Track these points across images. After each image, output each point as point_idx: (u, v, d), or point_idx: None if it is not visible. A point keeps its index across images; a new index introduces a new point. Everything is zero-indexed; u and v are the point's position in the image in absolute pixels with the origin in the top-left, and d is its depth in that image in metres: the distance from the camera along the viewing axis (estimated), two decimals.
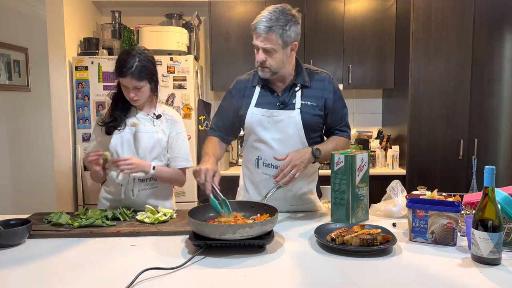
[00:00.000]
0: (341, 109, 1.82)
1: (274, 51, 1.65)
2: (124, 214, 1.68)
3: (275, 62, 1.67)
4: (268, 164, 1.77)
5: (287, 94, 1.76)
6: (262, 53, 1.66)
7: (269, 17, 1.61)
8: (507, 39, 3.09)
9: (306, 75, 1.77)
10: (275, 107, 1.75)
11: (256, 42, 1.67)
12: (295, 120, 1.72)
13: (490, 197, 1.20)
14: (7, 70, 3.56)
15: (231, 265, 1.23)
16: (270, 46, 1.63)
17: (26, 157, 3.82)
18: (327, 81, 1.78)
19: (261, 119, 1.76)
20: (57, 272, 1.21)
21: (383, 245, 1.31)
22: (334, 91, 1.78)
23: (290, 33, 1.64)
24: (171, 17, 3.43)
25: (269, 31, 1.61)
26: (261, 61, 1.67)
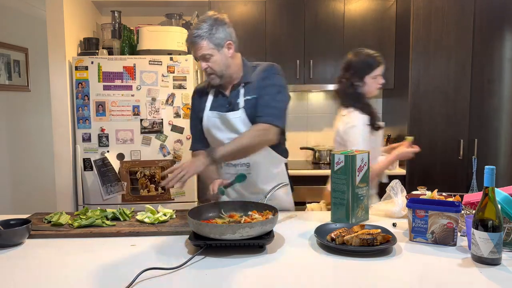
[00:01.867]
0: (265, 95, 1.74)
1: (210, 56, 1.71)
2: (124, 214, 1.68)
3: (216, 65, 1.73)
4: (228, 163, 1.82)
5: (234, 94, 1.80)
6: (203, 62, 1.74)
7: (195, 29, 1.71)
8: (507, 39, 3.09)
9: (251, 72, 1.81)
10: (225, 109, 1.80)
11: (194, 56, 1.77)
12: (241, 119, 1.76)
13: (490, 197, 1.20)
14: (7, 70, 3.56)
15: (231, 265, 1.23)
16: (204, 52, 1.71)
17: (26, 157, 3.82)
18: (263, 70, 1.80)
19: (215, 122, 1.82)
20: (57, 272, 1.21)
21: (383, 245, 1.31)
22: (265, 77, 1.77)
23: (218, 35, 1.71)
24: (171, 17, 3.43)
25: (198, 40, 1.69)
26: (204, 69, 1.75)
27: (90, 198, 3.00)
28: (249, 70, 1.82)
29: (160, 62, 2.96)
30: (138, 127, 2.98)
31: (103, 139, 2.98)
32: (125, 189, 2.99)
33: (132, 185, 3.00)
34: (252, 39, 3.36)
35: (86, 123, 2.98)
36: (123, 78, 2.94)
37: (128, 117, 2.97)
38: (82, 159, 2.98)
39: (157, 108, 2.97)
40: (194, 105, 1.94)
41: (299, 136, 3.80)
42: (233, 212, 1.57)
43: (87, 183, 2.99)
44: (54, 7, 2.95)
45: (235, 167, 1.82)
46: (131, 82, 2.95)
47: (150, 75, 2.96)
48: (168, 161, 3.00)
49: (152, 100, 2.97)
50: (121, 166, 2.98)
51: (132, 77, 2.95)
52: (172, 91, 2.97)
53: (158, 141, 3.00)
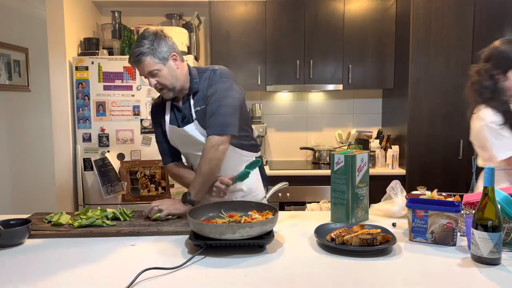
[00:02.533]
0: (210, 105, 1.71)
1: (158, 71, 1.68)
2: (124, 214, 1.68)
3: (165, 79, 1.71)
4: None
5: (186, 106, 1.79)
6: (151, 79, 1.70)
7: (135, 48, 1.66)
8: None
9: (197, 80, 1.78)
10: (181, 123, 1.79)
11: (141, 74, 1.73)
12: (198, 131, 1.75)
13: (490, 197, 1.20)
14: (7, 70, 3.56)
15: (231, 265, 1.23)
16: (151, 68, 1.67)
17: (26, 157, 3.82)
18: (208, 77, 1.77)
19: (176, 136, 1.82)
20: (57, 272, 1.21)
21: (383, 245, 1.31)
22: (209, 85, 1.75)
23: (161, 49, 1.68)
24: (171, 17, 3.43)
25: (141, 57, 1.66)
26: (154, 85, 1.72)
27: (90, 198, 3.00)
28: (193, 79, 1.78)
29: None
30: (138, 127, 2.99)
31: (103, 139, 2.98)
32: (125, 189, 3.00)
33: (132, 185, 3.00)
34: (252, 39, 3.36)
35: (86, 123, 2.98)
36: (123, 78, 2.94)
37: (128, 117, 2.97)
38: (82, 159, 2.99)
39: None
40: (155, 121, 1.91)
41: (299, 136, 3.80)
42: (233, 212, 1.57)
43: (87, 183, 3.00)
44: (54, 7, 2.95)
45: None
46: (131, 82, 2.95)
47: None
48: None
49: (152, 100, 2.97)
50: (121, 166, 2.99)
51: (132, 77, 2.95)
52: None
53: None
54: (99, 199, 2.98)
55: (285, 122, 3.80)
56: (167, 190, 3.02)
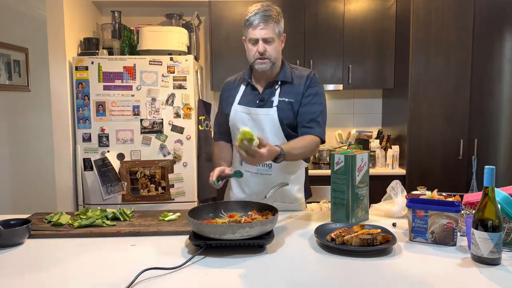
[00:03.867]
0: (312, 105, 1.76)
1: (272, 40, 1.71)
2: (124, 214, 1.68)
3: (274, 51, 1.72)
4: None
5: (268, 92, 1.79)
6: (262, 44, 1.70)
7: (263, 9, 1.69)
8: (507, 39, 3.09)
9: (289, 72, 1.80)
10: (255, 104, 1.78)
11: (255, 33, 1.70)
12: (272, 118, 1.74)
13: (490, 197, 1.20)
14: (7, 70, 3.56)
15: (231, 265, 1.23)
16: (270, 35, 1.69)
17: (26, 157, 3.82)
18: (306, 77, 1.79)
19: (242, 116, 1.79)
20: (57, 272, 1.21)
21: (383, 245, 1.31)
22: (309, 86, 1.78)
23: (282, 24, 1.74)
24: (171, 17, 3.43)
25: (267, 21, 1.68)
26: (262, 51, 1.70)
27: (90, 198, 3.00)
28: (287, 69, 1.80)
29: (160, 62, 2.96)
30: (138, 127, 2.99)
31: (103, 139, 2.98)
32: (125, 189, 3.00)
33: (132, 185, 3.00)
34: None
35: (86, 123, 2.98)
36: (123, 78, 2.94)
37: (128, 117, 2.97)
38: (82, 159, 2.98)
39: (157, 108, 2.97)
40: (222, 97, 1.92)
41: None
42: (233, 212, 1.57)
43: (87, 183, 2.99)
44: (54, 7, 2.95)
45: (257, 166, 1.77)
46: (131, 82, 2.95)
47: (150, 75, 2.96)
48: (168, 161, 3.00)
49: (152, 100, 2.97)
50: (121, 166, 2.99)
51: (132, 77, 2.95)
52: (172, 91, 2.97)
53: (158, 141, 3.00)
54: (99, 199, 2.98)
55: None
56: (167, 190, 3.02)
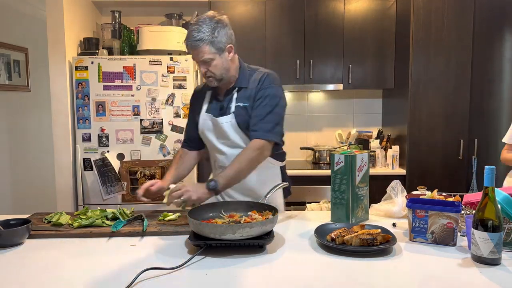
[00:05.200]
0: (261, 107, 1.72)
1: (211, 60, 1.67)
2: (124, 214, 1.68)
3: (216, 69, 1.70)
4: (221, 166, 1.82)
5: (227, 99, 1.79)
6: (202, 66, 1.70)
7: (195, 30, 1.64)
8: (507, 39, 3.09)
9: (247, 77, 1.79)
10: (217, 113, 1.80)
11: (193, 58, 1.71)
12: (231, 124, 1.76)
13: (490, 197, 1.20)
14: (7, 70, 3.56)
15: (231, 265, 1.23)
16: (206, 57, 1.66)
17: (26, 157, 3.82)
18: (259, 80, 1.78)
19: (208, 125, 1.81)
20: (57, 272, 1.21)
21: (383, 245, 1.31)
22: (260, 88, 1.76)
23: (220, 39, 1.66)
24: (171, 17, 3.43)
25: (199, 44, 1.64)
26: (203, 72, 1.71)
27: (90, 198, 3.00)
28: (245, 74, 1.80)
29: (160, 62, 2.96)
30: (138, 127, 2.98)
31: (103, 139, 2.98)
32: (125, 189, 3.00)
33: (132, 185, 3.00)
34: (252, 39, 3.36)
35: (86, 123, 2.98)
36: (123, 78, 2.94)
37: (128, 117, 2.97)
38: (82, 159, 2.98)
39: (157, 108, 2.97)
40: (192, 106, 1.94)
41: (299, 136, 3.80)
42: (233, 212, 1.57)
43: (87, 183, 2.99)
44: (54, 7, 2.95)
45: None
46: (131, 82, 2.95)
47: (150, 75, 2.96)
48: (168, 161, 3.00)
49: (152, 100, 2.97)
50: (121, 166, 2.99)
51: (132, 77, 2.94)
52: (172, 91, 2.97)
53: (158, 141, 3.00)
54: (99, 199, 2.98)
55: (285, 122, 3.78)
56: None
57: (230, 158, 1.74)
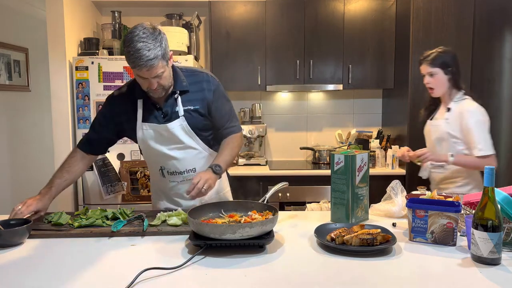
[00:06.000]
0: (223, 106, 1.83)
1: (162, 73, 1.61)
2: (124, 214, 1.68)
3: (165, 80, 1.66)
4: (173, 172, 1.82)
5: (168, 104, 1.75)
6: (153, 81, 1.61)
7: (146, 48, 1.52)
8: (507, 39, 3.09)
9: (184, 79, 1.77)
10: (161, 120, 1.75)
11: (142, 74, 1.59)
12: (183, 127, 1.75)
13: (490, 197, 1.20)
14: (7, 70, 3.56)
15: (231, 265, 1.23)
16: (159, 72, 1.59)
17: (26, 157, 3.82)
18: (205, 81, 1.78)
19: (153, 134, 1.77)
20: (57, 272, 1.21)
21: (383, 245, 1.31)
22: (214, 89, 1.79)
23: (167, 50, 1.61)
24: (171, 17, 3.43)
25: (154, 62, 1.55)
26: (153, 88, 1.63)
27: (90, 198, 3.00)
28: (180, 77, 1.76)
29: None
30: None
31: None
32: (125, 189, 3.00)
33: (132, 185, 3.00)
34: (252, 39, 3.36)
35: (86, 123, 2.98)
36: (123, 78, 2.94)
37: None
38: None
39: None
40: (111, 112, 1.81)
41: (299, 136, 3.80)
42: (233, 212, 1.57)
43: (87, 183, 2.99)
44: (54, 7, 2.95)
45: (182, 174, 1.82)
46: None
47: None
48: None
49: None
50: (121, 166, 2.99)
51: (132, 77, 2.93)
52: None
53: None
54: (99, 199, 2.98)
55: (285, 122, 3.80)
56: None
57: (182, 161, 1.79)
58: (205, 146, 1.83)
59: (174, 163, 1.80)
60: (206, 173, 1.66)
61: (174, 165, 1.80)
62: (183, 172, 1.81)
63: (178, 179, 1.83)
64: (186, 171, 1.81)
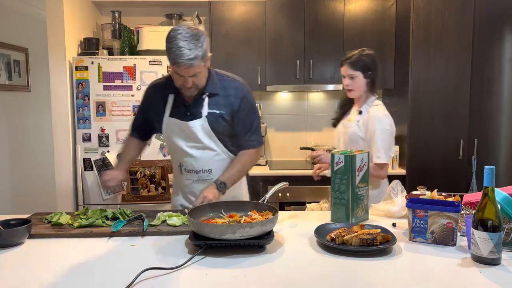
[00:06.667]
0: (247, 117, 1.81)
1: (200, 72, 1.66)
2: (124, 214, 1.68)
3: (200, 80, 1.71)
4: (190, 170, 1.85)
5: (196, 103, 1.78)
6: (188, 79, 1.66)
7: (187, 47, 1.58)
8: (507, 39, 3.09)
9: (217, 83, 1.79)
10: (185, 117, 1.79)
11: (180, 71, 1.64)
12: (203, 127, 1.77)
13: (490, 197, 1.20)
14: (7, 70, 3.56)
15: (231, 265, 1.23)
16: (196, 71, 1.64)
17: (26, 157, 3.82)
18: (235, 88, 1.79)
19: (175, 129, 1.81)
20: (57, 272, 1.21)
21: (383, 245, 1.31)
22: (242, 98, 1.79)
23: (206, 51, 1.65)
24: (171, 17, 3.43)
25: (194, 62, 1.60)
26: (190, 86, 1.68)
27: (90, 198, 3.00)
28: (213, 80, 1.79)
29: (160, 62, 2.96)
30: None
31: (103, 139, 2.98)
32: (125, 189, 3.00)
33: (132, 185, 3.00)
34: (252, 39, 3.36)
35: (86, 123, 2.98)
36: (123, 78, 2.94)
37: (128, 117, 2.97)
38: (82, 159, 2.98)
39: None
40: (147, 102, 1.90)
41: (299, 136, 3.80)
42: (233, 212, 1.57)
43: (87, 183, 2.99)
44: (54, 7, 2.95)
45: (198, 174, 1.84)
46: (131, 82, 2.95)
47: (150, 75, 2.96)
48: (168, 161, 3.00)
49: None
50: None
51: (132, 77, 2.95)
52: None
53: (158, 141, 3.00)
54: (99, 199, 2.98)
55: (285, 122, 3.79)
56: (167, 190, 3.02)
57: (198, 160, 1.81)
58: (224, 149, 1.84)
59: (191, 161, 1.83)
60: (210, 191, 1.69)
61: (191, 163, 1.83)
62: (199, 171, 1.84)
63: (194, 178, 1.86)
64: (202, 171, 1.84)
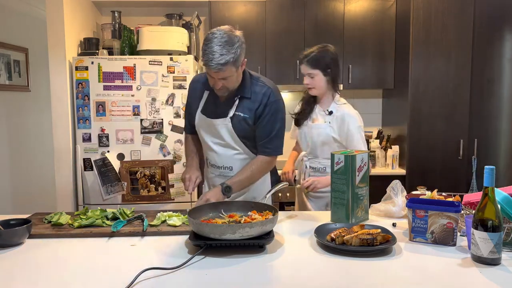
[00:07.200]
0: (268, 124, 1.79)
1: (230, 77, 1.68)
2: (124, 214, 1.68)
3: (231, 84, 1.72)
4: (213, 164, 1.93)
5: (227, 104, 1.81)
6: (218, 81, 1.69)
7: (220, 51, 1.60)
8: (507, 39, 3.09)
9: (249, 87, 1.80)
10: (213, 115, 1.82)
11: (211, 74, 1.68)
12: (227, 127, 1.80)
13: (490, 197, 1.20)
14: (7, 70, 3.56)
15: (231, 265, 1.23)
16: (227, 75, 1.66)
17: (26, 157, 3.82)
18: (264, 95, 1.79)
19: (203, 125, 1.86)
20: (57, 272, 1.21)
21: (383, 245, 1.31)
22: (267, 104, 1.78)
23: (240, 57, 1.67)
24: (171, 17, 3.43)
25: (224, 68, 1.62)
26: (219, 88, 1.71)
27: (90, 198, 3.00)
28: (247, 83, 1.80)
29: (160, 62, 2.96)
30: (138, 127, 2.98)
31: (103, 139, 2.98)
32: (125, 189, 3.00)
33: (132, 185, 3.00)
34: (252, 39, 3.36)
35: (86, 123, 2.98)
36: (123, 78, 2.94)
37: (128, 117, 2.97)
38: (82, 159, 2.98)
39: (157, 108, 2.97)
40: (190, 94, 1.95)
41: None
42: (233, 212, 1.57)
43: (87, 183, 2.99)
44: (54, 7, 2.95)
45: (219, 169, 1.90)
46: (131, 82, 2.95)
47: (150, 75, 2.96)
48: (168, 161, 3.00)
49: (152, 100, 2.97)
50: (121, 166, 2.99)
51: (132, 77, 2.95)
52: (172, 91, 2.97)
53: (158, 141, 3.00)
54: (99, 199, 2.98)
55: None
56: (167, 190, 3.02)
57: (221, 157, 1.86)
58: (246, 149, 1.86)
59: (214, 156, 1.89)
60: (214, 195, 1.71)
61: (214, 158, 1.90)
62: (221, 167, 1.90)
63: (216, 172, 1.92)
64: (223, 167, 1.89)
